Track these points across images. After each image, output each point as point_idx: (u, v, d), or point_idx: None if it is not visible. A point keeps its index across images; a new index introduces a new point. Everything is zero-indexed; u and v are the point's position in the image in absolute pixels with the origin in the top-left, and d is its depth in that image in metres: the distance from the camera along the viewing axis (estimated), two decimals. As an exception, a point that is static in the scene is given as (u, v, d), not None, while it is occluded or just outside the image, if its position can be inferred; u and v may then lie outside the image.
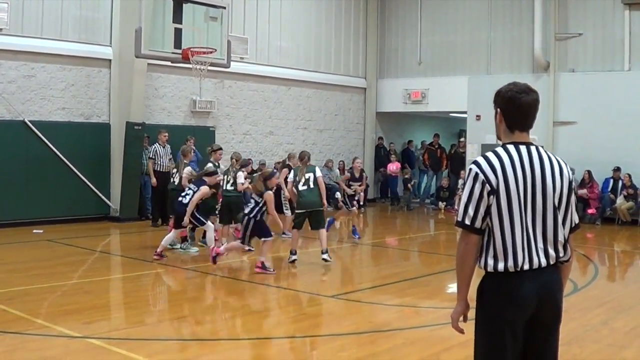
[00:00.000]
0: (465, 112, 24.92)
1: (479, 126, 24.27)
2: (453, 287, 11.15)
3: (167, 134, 18.27)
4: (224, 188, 13.83)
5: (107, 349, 7.19)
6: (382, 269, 13.68)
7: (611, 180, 21.52)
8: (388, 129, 27.44)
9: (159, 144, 18.10)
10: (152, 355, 7.02)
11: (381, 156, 26.61)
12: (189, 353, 7.44)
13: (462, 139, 26.01)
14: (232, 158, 14.44)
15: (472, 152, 24.57)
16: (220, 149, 14.90)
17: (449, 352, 7.33)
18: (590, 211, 21.31)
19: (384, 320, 9.04)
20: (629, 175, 21.09)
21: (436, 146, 25.96)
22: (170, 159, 17.84)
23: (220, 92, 21.64)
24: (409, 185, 25.03)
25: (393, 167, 25.42)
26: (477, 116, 24.35)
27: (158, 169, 17.87)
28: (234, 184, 13.73)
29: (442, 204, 24.16)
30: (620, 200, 21.10)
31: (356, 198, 16.85)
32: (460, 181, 23.77)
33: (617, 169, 21.31)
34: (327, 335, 8.09)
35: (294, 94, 23.99)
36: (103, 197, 18.55)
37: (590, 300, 10.25)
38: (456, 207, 23.09)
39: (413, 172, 26.25)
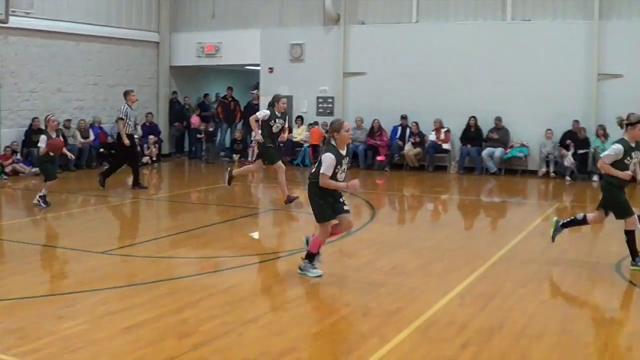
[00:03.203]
0: (258, 65, 25.84)
1: (271, 78, 25.23)
2: (228, 238, 12.01)
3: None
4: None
5: None
6: (162, 222, 14.25)
7: (399, 128, 23.02)
8: (183, 83, 27.68)
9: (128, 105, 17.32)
10: None
11: (176, 110, 26.97)
12: None
13: (253, 91, 26.89)
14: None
15: (265, 104, 25.49)
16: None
17: (209, 299, 7.84)
18: (379, 158, 22.79)
19: (151, 272, 9.30)
20: (416, 124, 22.75)
21: (230, 99, 26.53)
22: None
23: (5, 49, 21.20)
24: (213, 138, 25.72)
25: (195, 120, 26.05)
26: (270, 68, 25.26)
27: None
28: None
29: (236, 156, 24.89)
30: (408, 147, 22.70)
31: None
32: (253, 133, 24.61)
33: (404, 117, 22.92)
34: (88, 291, 8.19)
35: (84, 49, 23.68)
36: None
37: (360, 243, 11.22)
38: (250, 158, 24.04)
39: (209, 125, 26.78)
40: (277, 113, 14.44)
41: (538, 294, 8.33)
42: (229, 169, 15.49)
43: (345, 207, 8.73)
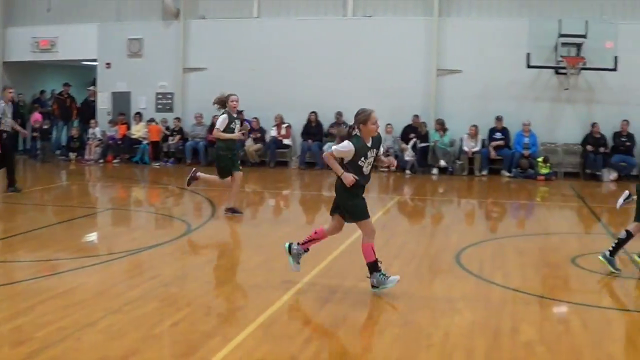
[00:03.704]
0: (96, 60, 25.09)
1: (109, 74, 24.60)
2: (65, 240, 11.53)
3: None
4: None
5: None
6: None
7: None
8: (17, 79, 26.47)
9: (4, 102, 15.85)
10: None
11: (9, 108, 25.79)
12: None
13: (90, 88, 26.06)
14: None
15: (102, 101, 24.89)
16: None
17: (45, 304, 7.41)
18: (219, 155, 22.65)
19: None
20: (257, 119, 22.73)
21: (65, 95, 25.65)
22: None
23: None
24: (49, 136, 24.73)
25: (38, 117, 24.97)
26: (107, 64, 24.61)
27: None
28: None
29: (72, 155, 24.11)
30: (249, 142, 22.67)
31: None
32: (91, 130, 24.00)
33: (240, 112, 22.72)
34: None
35: None
36: None
37: (201, 240, 11.05)
38: (87, 157, 23.37)
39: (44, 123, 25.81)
40: (233, 114, 12.98)
41: (382, 286, 8.42)
42: (194, 169, 14.22)
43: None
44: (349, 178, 7.74)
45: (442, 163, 21.54)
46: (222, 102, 12.88)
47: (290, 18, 23.34)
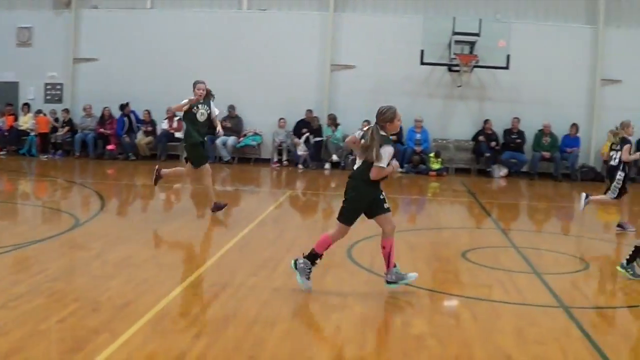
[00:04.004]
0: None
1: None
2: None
3: None
4: None
5: None
6: None
7: (124, 119, 22.53)
8: None
9: None
10: None
11: None
12: None
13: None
14: None
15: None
16: None
17: None
18: (109, 147, 22.14)
19: None
20: (149, 112, 22.37)
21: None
22: None
23: None
24: None
25: None
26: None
27: None
28: None
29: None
30: (140, 135, 22.29)
31: None
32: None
33: (126, 105, 22.48)
34: None
35: None
36: None
37: (89, 235, 10.68)
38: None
39: None
40: (200, 101, 12.68)
41: (270, 281, 8.31)
42: (157, 167, 13.63)
43: (387, 205, 8.10)
44: (396, 164, 8.04)
45: (335, 158, 21.66)
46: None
47: (184, 10, 23.05)
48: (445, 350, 6.21)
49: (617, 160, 12.69)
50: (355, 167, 7.95)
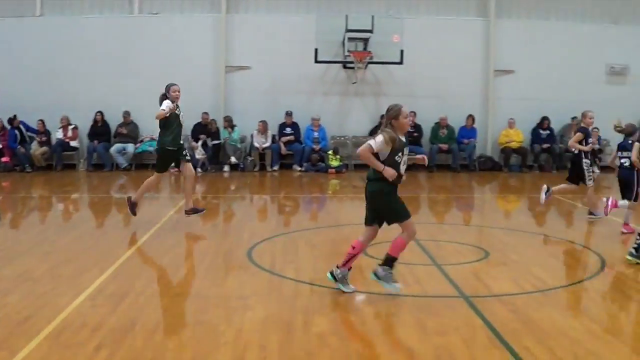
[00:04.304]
0: None
1: None
2: None
3: None
4: None
5: None
6: None
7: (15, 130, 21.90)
8: None
9: None
10: None
11: None
12: None
13: None
14: None
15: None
16: None
17: None
18: (4, 160, 21.49)
19: None
20: (42, 121, 21.83)
21: None
22: None
23: None
24: None
25: None
26: None
27: None
28: None
29: None
30: (34, 145, 21.75)
31: None
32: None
33: (13, 118, 21.86)
34: None
35: None
36: None
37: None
38: None
39: None
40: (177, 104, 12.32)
41: (171, 288, 8.24)
42: (128, 197, 13.12)
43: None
44: (390, 171, 7.56)
45: (233, 160, 21.56)
46: (164, 96, 12.31)
47: (74, 16, 22.49)
48: (347, 347, 6.26)
49: (577, 150, 13.03)
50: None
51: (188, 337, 6.49)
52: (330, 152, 21.43)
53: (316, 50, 21.16)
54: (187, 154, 12.83)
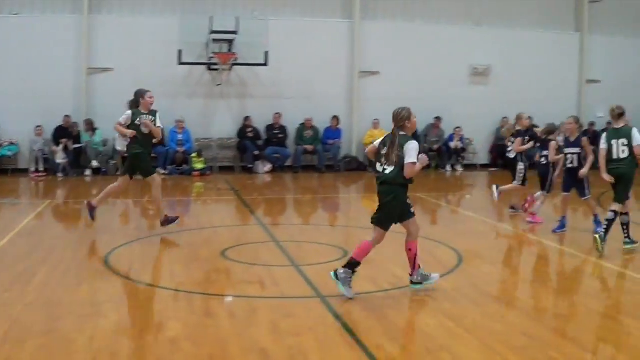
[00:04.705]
0: None
1: None
2: None
3: None
4: None
5: None
6: None
7: None
8: None
9: None
10: None
11: None
12: None
13: None
14: None
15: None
16: None
17: None
18: None
19: None
20: None
21: None
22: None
23: None
24: None
25: None
26: None
27: None
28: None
29: None
30: None
31: None
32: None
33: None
34: None
35: None
36: None
37: None
38: None
39: None
40: (143, 111, 12.04)
41: (23, 296, 8.00)
42: (86, 201, 12.51)
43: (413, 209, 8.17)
44: (425, 157, 8.01)
45: (95, 164, 21.18)
46: (136, 102, 12.07)
47: None
48: (199, 350, 6.27)
49: (513, 153, 13.72)
50: (382, 172, 7.98)
51: (39, 346, 6.34)
52: (194, 154, 21.31)
53: (180, 51, 21.02)
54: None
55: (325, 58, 22.98)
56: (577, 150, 11.79)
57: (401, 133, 7.93)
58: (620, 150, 10.47)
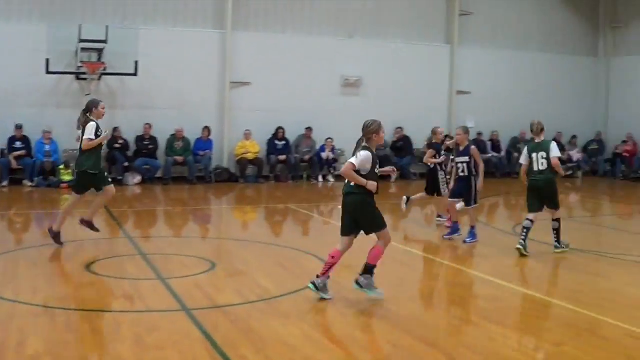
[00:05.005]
0: None
1: None
2: None
3: None
4: None
5: None
6: None
7: None
8: None
9: None
10: None
11: None
12: None
13: None
14: None
15: None
16: None
17: None
18: None
19: None
20: None
21: None
22: None
23: None
24: None
25: None
26: None
27: None
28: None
29: None
30: None
31: None
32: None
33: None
34: None
35: None
36: None
37: None
38: None
39: None
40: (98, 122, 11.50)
41: None
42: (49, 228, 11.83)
43: None
44: (374, 185, 8.28)
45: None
46: (89, 110, 11.49)
47: None
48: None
49: (432, 164, 14.34)
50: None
51: None
52: (62, 166, 20.90)
53: (47, 60, 20.55)
54: (109, 178, 12.42)
55: (196, 68, 22.94)
56: (466, 159, 12.61)
57: (364, 144, 8.46)
58: (539, 162, 11.46)
